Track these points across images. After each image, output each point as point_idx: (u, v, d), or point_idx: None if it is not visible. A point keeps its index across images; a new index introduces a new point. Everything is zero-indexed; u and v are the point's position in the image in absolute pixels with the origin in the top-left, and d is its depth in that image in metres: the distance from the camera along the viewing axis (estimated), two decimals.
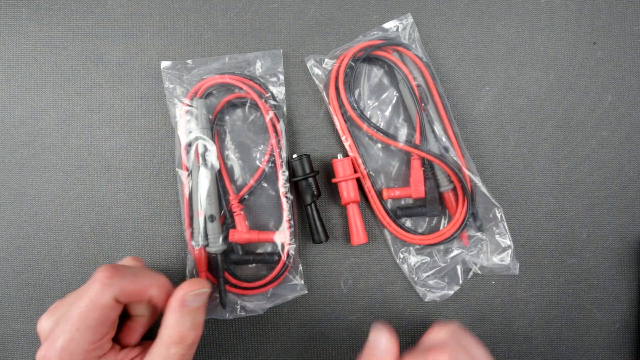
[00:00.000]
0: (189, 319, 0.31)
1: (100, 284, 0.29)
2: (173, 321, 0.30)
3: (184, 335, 0.30)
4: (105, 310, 0.29)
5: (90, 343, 0.28)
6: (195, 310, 0.31)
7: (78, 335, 0.28)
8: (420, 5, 0.42)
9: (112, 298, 0.29)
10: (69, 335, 0.28)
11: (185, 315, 0.30)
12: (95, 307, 0.28)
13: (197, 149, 0.38)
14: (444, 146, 0.39)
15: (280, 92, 0.40)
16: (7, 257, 0.41)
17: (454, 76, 0.42)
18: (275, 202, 0.40)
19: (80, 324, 0.28)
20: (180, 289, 0.31)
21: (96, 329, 0.29)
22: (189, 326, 0.30)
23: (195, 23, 0.42)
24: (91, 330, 0.28)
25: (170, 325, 0.30)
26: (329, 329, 0.41)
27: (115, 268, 0.30)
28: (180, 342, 0.30)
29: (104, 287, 0.29)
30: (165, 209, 0.41)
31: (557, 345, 0.42)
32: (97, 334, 0.29)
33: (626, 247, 0.42)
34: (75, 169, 0.41)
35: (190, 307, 0.31)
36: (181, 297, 0.31)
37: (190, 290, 0.31)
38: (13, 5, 0.41)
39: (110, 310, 0.29)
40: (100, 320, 0.29)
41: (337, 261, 0.41)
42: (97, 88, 0.41)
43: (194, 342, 0.31)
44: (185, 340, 0.30)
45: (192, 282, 0.32)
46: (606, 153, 0.42)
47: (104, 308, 0.29)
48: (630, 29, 0.43)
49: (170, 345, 0.30)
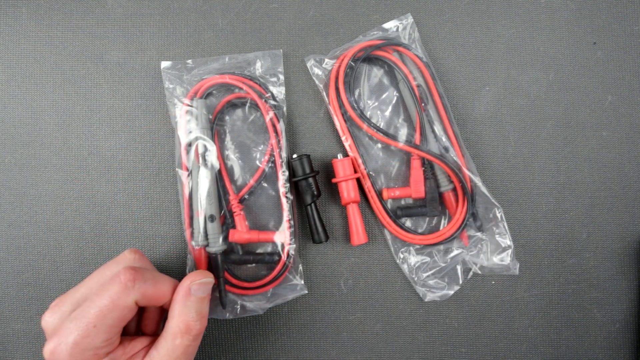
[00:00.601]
0: (194, 309, 0.31)
1: (122, 286, 0.29)
2: (179, 311, 0.31)
3: (190, 325, 0.31)
4: (125, 311, 0.29)
5: (103, 340, 0.29)
6: (201, 300, 0.32)
7: (94, 332, 0.28)
8: (420, 5, 0.42)
9: (133, 301, 0.30)
10: (84, 330, 0.28)
11: (190, 305, 0.31)
12: (115, 307, 0.29)
13: (197, 149, 0.38)
14: (444, 146, 0.39)
15: (280, 92, 0.40)
16: (7, 257, 0.41)
17: (454, 76, 0.42)
18: (275, 202, 0.40)
19: (97, 322, 0.28)
20: (185, 279, 0.32)
21: (112, 328, 0.29)
22: (194, 316, 0.31)
23: (195, 23, 0.42)
24: (107, 329, 0.29)
25: (176, 316, 0.31)
26: (329, 329, 0.41)
27: (137, 271, 0.30)
28: (186, 332, 0.31)
29: (126, 290, 0.29)
30: (165, 209, 0.41)
31: (557, 345, 0.42)
32: (111, 333, 0.29)
33: (626, 247, 0.42)
34: (75, 169, 0.41)
35: (195, 297, 0.31)
36: (187, 286, 0.32)
37: (195, 279, 0.32)
38: (13, 5, 0.41)
39: (129, 312, 0.30)
40: (118, 321, 0.29)
41: (337, 261, 0.41)
42: (97, 88, 0.41)
43: (199, 333, 0.31)
44: (190, 331, 0.31)
45: (196, 273, 0.33)
46: (606, 153, 0.42)
47: (124, 310, 0.29)
48: (630, 29, 0.43)
49: (176, 336, 0.30)
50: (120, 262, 0.33)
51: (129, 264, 0.33)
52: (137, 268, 0.31)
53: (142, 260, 0.34)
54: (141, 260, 0.34)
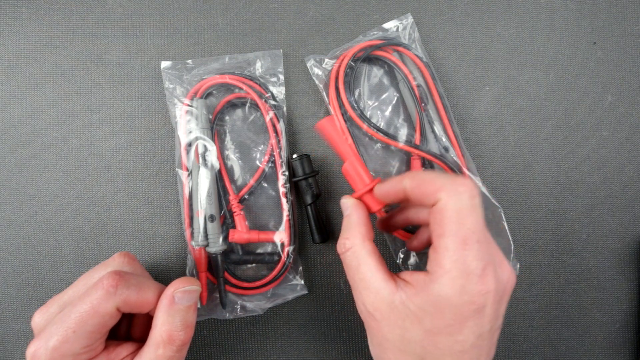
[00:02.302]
0: (179, 318, 0.30)
1: (104, 292, 0.28)
2: (162, 320, 0.30)
3: (173, 336, 0.29)
4: (105, 318, 0.28)
5: (83, 347, 0.28)
6: (185, 309, 0.30)
7: (73, 338, 0.27)
8: (420, 5, 0.42)
9: (114, 307, 0.29)
10: (63, 336, 0.27)
11: (174, 314, 0.30)
12: (95, 314, 0.28)
13: (197, 149, 0.38)
14: (444, 146, 0.39)
15: (280, 92, 0.40)
16: (7, 257, 0.41)
17: (454, 76, 0.42)
18: (275, 202, 0.40)
19: (77, 327, 0.28)
20: (169, 286, 0.31)
21: (92, 334, 0.28)
22: (179, 326, 0.30)
23: (195, 23, 0.42)
24: (87, 335, 0.28)
25: (159, 325, 0.30)
26: (329, 329, 0.41)
27: (121, 277, 0.29)
28: (169, 342, 0.29)
29: (107, 296, 0.28)
30: (165, 209, 0.41)
31: (557, 345, 0.42)
32: (91, 339, 0.28)
33: (626, 247, 0.42)
34: (75, 169, 0.41)
35: (180, 306, 0.30)
36: (170, 294, 0.30)
37: (179, 287, 0.31)
38: (13, 5, 0.41)
39: (110, 319, 0.29)
40: (98, 327, 0.28)
41: (337, 261, 0.41)
42: (97, 88, 0.41)
43: (183, 344, 0.30)
44: (174, 341, 0.29)
45: (181, 280, 0.31)
46: (606, 153, 0.42)
47: (104, 316, 0.28)
48: (630, 29, 0.43)
49: (159, 346, 0.29)
50: (108, 265, 0.32)
51: (117, 267, 0.32)
52: (121, 273, 0.30)
53: (131, 264, 0.33)
54: (130, 263, 0.33)
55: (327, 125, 0.35)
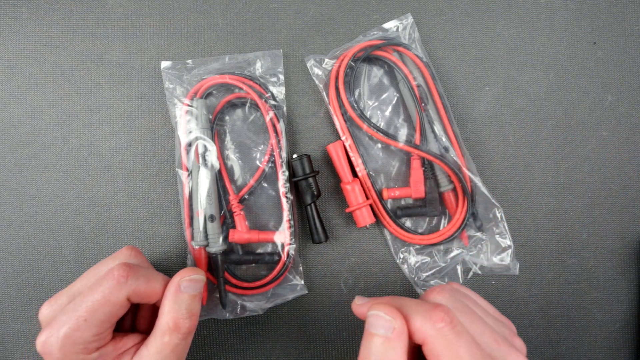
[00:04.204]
0: (184, 306, 0.31)
1: (115, 282, 0.29)
2: (168, 308, 0.31)
3: (179, 323, 0.30)
4: (116, 307, 0.29)
5: (93, 335, 0.29)
6: (191, 297, 0.31)
7: (84, 326, 0.28)
8: (420, 5, 0.42)
9: (125, 297, 0.30)
10: (75, 324, 0.28)
11: (180, 302, 0.31)
12: (107, 303, 0.29)
13: (197, 149, 0.38)
14: (444, 146, 0.39)
15: (280, 92, 0.40)
16: (7, 257, 0.41)
17: (454, 76, 0.42)
18: (275, 202, 0.40)
19: (89, 316, 0.28)
20: (175, 275, 0.32)
21: (103, 323, 0.29)
22: (184, 313, 0.31)
23: (195, 23, 0.42)
24: (97, 324, 0.29)
25: (165, 312, 0.31)
26: (329, 329, 0.41)
27: (131, 268, 0.30)
28: (175, 329, 0.30)
29: (119, 286, 0.29)
30: (165, 209, 0.41)
31: (557, 345, 0.42)
32: (102, 328, 0.29)
33: (626, 247, 0.42)
34: (75, 169, 0.41)
35: (185, 294, 0.31)
36: (177, 282, 0.31)
37: (185, 276, 0.32)
38: (13, 5, 0.41)
39: (120, 308, 0.30)
40: (109, 316, 0.29)
41: (337, 261, 0.41)
42: (97, 88, 0.41)
43: (188, 332, 0.31)
44: (180, 329, 0.30)
45: (187, 270, 0.33)
46: (606, 153, 0.42)
47: (115, 305, 0.29)
48: (630, 29, 0.43)
49: (165, 334, 0.30)
50: (116, 258, 0.33)
51: (125, 260, 0.33)
52: (131, 265, 0.31)
53: (138, 257, 0.34)
54: (137, 257, 0.34)
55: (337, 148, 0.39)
